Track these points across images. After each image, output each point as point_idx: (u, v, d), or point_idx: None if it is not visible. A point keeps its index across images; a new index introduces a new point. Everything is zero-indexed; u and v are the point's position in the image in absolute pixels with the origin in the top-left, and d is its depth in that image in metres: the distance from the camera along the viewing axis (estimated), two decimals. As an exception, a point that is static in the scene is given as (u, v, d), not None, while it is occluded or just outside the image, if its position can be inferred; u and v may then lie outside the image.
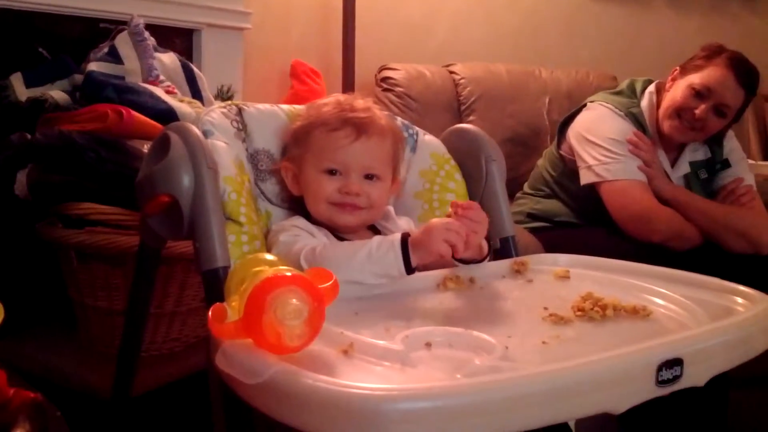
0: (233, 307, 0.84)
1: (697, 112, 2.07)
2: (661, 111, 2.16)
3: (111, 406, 1.51)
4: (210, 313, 0.85)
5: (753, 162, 2.82)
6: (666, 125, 2.14)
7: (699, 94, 2.07)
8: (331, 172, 1.24)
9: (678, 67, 2.18)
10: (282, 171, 1.29)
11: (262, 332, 0.78)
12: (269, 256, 0.94)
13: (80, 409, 1.58)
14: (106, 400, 1.54)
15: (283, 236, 1.20)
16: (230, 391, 0.82)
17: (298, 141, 1.28)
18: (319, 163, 1.24)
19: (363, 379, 0.77)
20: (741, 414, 2.00)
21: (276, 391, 0.75)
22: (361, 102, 1.28)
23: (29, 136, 1.66)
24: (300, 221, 1.25)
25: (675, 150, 2.22)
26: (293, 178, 1.28)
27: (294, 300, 0.80)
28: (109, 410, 1.53)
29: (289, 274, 0.83)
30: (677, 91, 2.13)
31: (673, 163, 2.22)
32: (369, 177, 1.25)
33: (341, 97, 1.31)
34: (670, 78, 2.19)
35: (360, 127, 1.23)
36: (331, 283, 0.86)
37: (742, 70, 2.07)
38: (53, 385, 1.60)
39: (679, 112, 2.11)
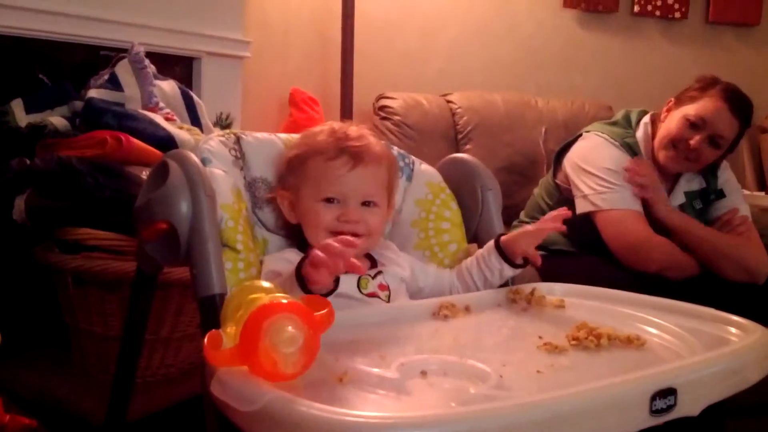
0: (229, 334, 0.85)
1: (691, 142, 2.08)
2: (657, 141, 2.18)
3: (105, 432, 1.50)
4: (206, 340, 0.85)
5: (748, 192, 2.83)
6: (661, 155, 2.15)
7: (694, 125, 2.09)
8: (329, 201, 1.24)
9: (673, 99, 2.20)
10: (278, 199, 1.30)
11: (257, 359, 0.79)
12: (265, 284, 0.94)
13: (74, 435, 1.58)
14: (100, 426, 1.53)
15: (263, 274, 1.20)
16: (225, 418, 0.82)
17: (294, 170, 1.28)
18: (317, 192, 1.25)
19: (358, 407, 0.78)
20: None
21: (271, 419, 0.75)
22: (354, 130, 1.29)
23: (28, 162, 1.67)
24: (291, 254, 1.25)
25: (670, 180, 2.23)
26: (289, 206, 1.29)
27: (290, 327, 0.80)
28: (103, 437, 1.52)
29: (285, 301, 0.83)
30: (672, 122, 2.14)
31: (669, 193, 2.23)
32: (366, 204, 1.26)
33: (335, 125, 1.31)
34: (665, 109, 2.21)
35: (356, 155, 1.25)
36: (326, 310, 0.87)
37: (736, 101, 2.09)
38: (47, 411, 1.60)
39: (674, 142, 2.12)
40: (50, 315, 1.79)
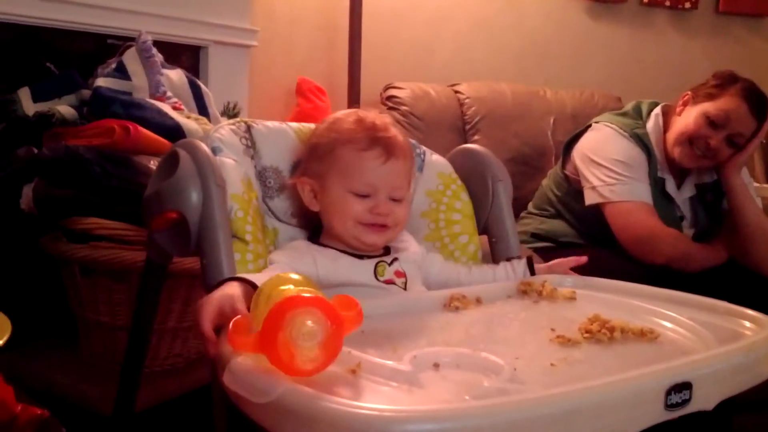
0: (257, 323, 0.84)
1: (712, 142, 2.04)
2: (672, 136, 2.14)
3: (113, 422, 1.50)
4: (231, 325, 0.84)
5: (758, 185, 2.82)
6: (677, 152, 2.12)
7: (714, 124, 2.05)
8: (360, 193, 1.22)
9: (689, 92, 2.15)
10: (298, 186, 1.26)
11: (276, 350, 0.77)
12: (295, 276, 0.93)
13: (82, 425, 1.58)
14: (107, 416, 1.53)
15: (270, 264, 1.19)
16: (234, 408, 0.81)
17: (321, 157, 1.25)
18: (348, 183, 1.22)
19: (371, 400, 0.77)
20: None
21: (284, 411, 0.74)
22: (379, 119, 1.26)
23: (36, 151, 1.67)
24: (301, 243, 1.25)
25: (681, 172, 2.21)
26: (311, 192, 1.25)
27: (309, 322, 0.78)
28: (110, 427, 1.52)
29: (308, 295, 0.81)
30: (690, 118, 2.10)
31: (679, 185, 2.21)
32: (394, 197, 1.25)
33: (360, 112, 1.27)
34: (681, 102, 2.16)
35: (389, 148, 1.22)
36: (355, 311, 0.85)
37: (756, 101, 2.04)
38: (54, 401, 1.59)
39: (692, 139, 2.08)
40: (58, 305, 1.79)
